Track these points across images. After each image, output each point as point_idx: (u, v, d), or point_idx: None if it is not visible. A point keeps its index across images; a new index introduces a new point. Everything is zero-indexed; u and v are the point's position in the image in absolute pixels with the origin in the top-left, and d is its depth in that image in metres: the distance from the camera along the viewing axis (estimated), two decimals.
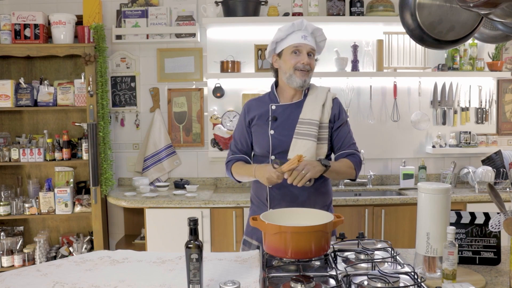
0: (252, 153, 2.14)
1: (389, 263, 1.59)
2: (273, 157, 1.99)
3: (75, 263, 1.73)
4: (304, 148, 1.92)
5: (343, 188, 3.54)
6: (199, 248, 1.37)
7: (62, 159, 3.35)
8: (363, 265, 1.56)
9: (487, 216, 1.69)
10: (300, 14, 3.37)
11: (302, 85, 1.98)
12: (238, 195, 3.29)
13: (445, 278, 1.43)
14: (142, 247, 3.26)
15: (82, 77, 3.30)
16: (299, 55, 1.96)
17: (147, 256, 1.79)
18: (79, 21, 3.42)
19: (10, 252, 3.29)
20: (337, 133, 2.03)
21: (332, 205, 2.12)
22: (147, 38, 3.54)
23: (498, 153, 3.46)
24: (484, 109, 3.63)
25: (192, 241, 1.38)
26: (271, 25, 3.42)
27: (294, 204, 1.93)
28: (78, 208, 3.36)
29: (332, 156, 2.10)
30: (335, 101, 2.06)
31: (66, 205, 3.32)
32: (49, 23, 3.36)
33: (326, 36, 2.13)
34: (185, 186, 3.43)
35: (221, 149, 3.49)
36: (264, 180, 1.87)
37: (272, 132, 2.00)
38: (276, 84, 2.11)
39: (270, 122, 2.01)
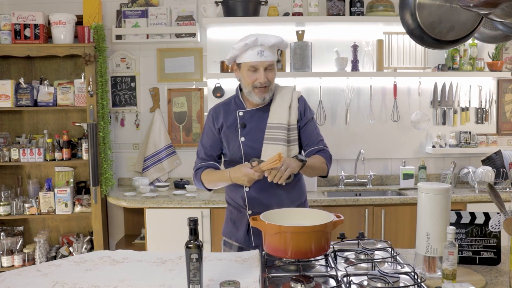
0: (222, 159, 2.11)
1: (389, 263, 1.59)
2: (246, 163, 1.96)
3: (75, 263, 1.73)
4: (275, 152, 1.88)
5: (343, 188, 3.54)
6: (199, 248, 1.37)
7: (62, 159, 3.35)
8: (363, 265, 1.56)
9: (487, 216, 1.69)
10: (300, 14, 3.37)
11: (262, 102, 1.96)
12: None
13: (445, 278, 1.43)
14: (142, 247, 3.26)
15: (82, 77, 3.30)
16: (256, 72, 1.91)
17: (147, 256, 1.80)
18: (79, 21, 3.42)
19: (10, 252, 3.29)
20: (304, 130, 2.03)
21: (307, 202, 2.13)
22: (147, 38, 3.54)
23: (498, 153, 3.46)
24: (484, 109, 3.63)
25: (192, 241, 1.38)
26: (271, 25, 3.42)
27: (272, 203, 1.90)
28: (78, 208, 3.36)
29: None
30: (301, 99, 2.05)
31: (66, 205, 3.32)
32: (49, 23, 3.36)
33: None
34: (185, 186, 3.43)
35: None
36: (243, 180, 1.82)
37: (242, 139, 1.97)
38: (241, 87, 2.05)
39: (239, 129, 1.99)
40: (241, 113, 2.00)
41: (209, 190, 2.09)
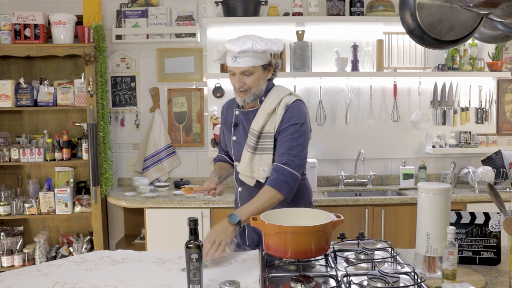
0: None
1: (389, 263, 1.59)
2: (237, 163, 2.00)
3: (75, 263, 1.73)
4: (243, 158, 1.92)
5: (343, 188, 3.54)
6: (199, 248, 1.37)
7: (62, 159, 3.35)
8: (363, 265, 1.56)
9: (487, 216, 1.69)
10: (300, 14, 3.36)
11: (243, 104, 1.94)
12: None
13: (445, 278, 1.43)
14: (142, 247, 3.26)
15: (82, 77, 3.30)
16: (234, 76, 1.90)
17: (147, 256, 1.80)
18: (79, 21, 3.42)
19: (10, 252, 3.29)
20: (278, 139, 1.88)
21: (312, 205, 2.07)
22: (147, 38, 3.54)
23: (498, 153, 3.46)
24: (484, 109, 3.63)
25: (192, 241, 1.38)
26: (271, 25, 3.42)
27: None
28: (78, 208, 3.36)
29: None
30: (291, 106, 1.87)
31: (66, 205, 3.32)
32: (49, 23, 3.36)
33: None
34: (185, 186, 3.43)
35: None
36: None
37: (234, 138, 2.01)
38: None
39: (232, 128, 2.02)
40: (237, 112, 2.03)
41: None
